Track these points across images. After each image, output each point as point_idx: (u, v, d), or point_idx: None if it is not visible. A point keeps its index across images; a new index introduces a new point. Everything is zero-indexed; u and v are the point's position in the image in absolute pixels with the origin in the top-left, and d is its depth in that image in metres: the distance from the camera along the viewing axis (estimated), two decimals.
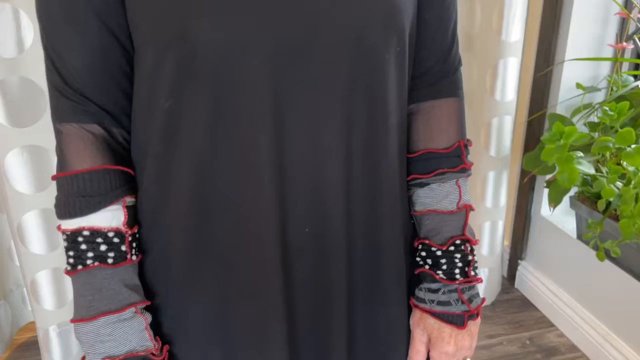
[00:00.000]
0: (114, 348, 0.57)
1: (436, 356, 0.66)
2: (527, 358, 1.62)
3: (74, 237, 0.57)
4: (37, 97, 1.32)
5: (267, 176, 0.55)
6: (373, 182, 0.61)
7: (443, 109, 0.66)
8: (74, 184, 0.56)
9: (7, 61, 1.27)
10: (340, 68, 0.54)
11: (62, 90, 0.56)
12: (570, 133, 1.25)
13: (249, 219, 0.57)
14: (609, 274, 1.53)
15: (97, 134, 0.58)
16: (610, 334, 1.55)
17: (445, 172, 0.65)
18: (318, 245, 0.60)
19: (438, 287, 0.65)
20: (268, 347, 0.61)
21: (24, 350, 1.71)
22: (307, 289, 0.61)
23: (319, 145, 0.56)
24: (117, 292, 0.57)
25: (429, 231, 0.66)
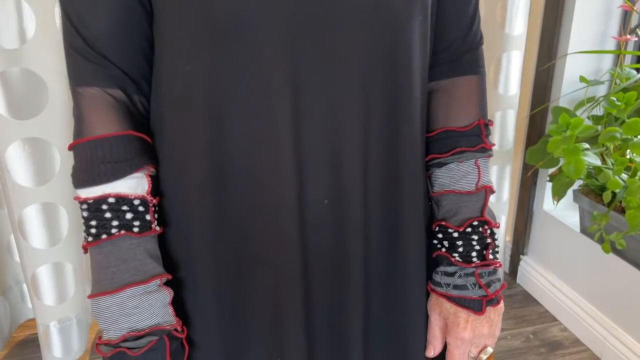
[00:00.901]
0: (139, 322, 0.55)
1: (452, 342, 0.64)
2: (532, 352, 1.62)
3: (98, 205, 0.55)
4: (39, 89, 1.30)
5: (284, 145, 0.54)
6: (394, 156, 0.60)
7: (464, 87, 0.64)
8: (98, 150, 0.54)
9: (9, 52, 1.25)
10: (358, 35, 0.53)
11: (83, 53, 0.55)
12: (577, 124, 1.24)
13: (266, 189, 0.56)
14: (613, 267, 1.53)
15: (119, 100, 0.56)
16: (616, 327, 1.55)
17: (464, 151, 0.64)
18: (336, 219, 0.58)
19: (454, 271, 0.63)
20: (284, 323, 0.59)
21: (23, 348, 1.68)
22: (324, 264, 0.60)
23: (337, 115, 0.55)
24: (143, 263, 0.56)
25: (446, 212, 0.65)
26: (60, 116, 1.34)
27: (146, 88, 0.59)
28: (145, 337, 0.55)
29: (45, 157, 1.35)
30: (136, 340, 0.55)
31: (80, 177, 0.55)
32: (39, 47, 1.27)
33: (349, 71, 0.54)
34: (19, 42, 1.25)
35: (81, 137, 0.56)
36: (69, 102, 1.35)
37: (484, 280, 0.63)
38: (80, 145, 0.55)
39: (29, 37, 1.26)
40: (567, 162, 1.27)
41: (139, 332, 0.55)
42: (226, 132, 0.55)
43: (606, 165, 1.35)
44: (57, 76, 1.31)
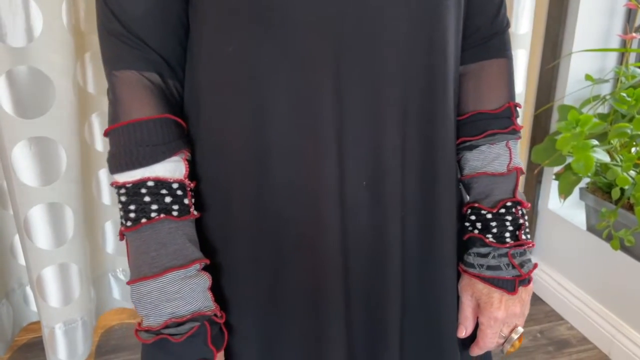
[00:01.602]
0: (180, 307, 0.54)
1: (485, 322, 0.65)
2: (539, 351, 1.61)
3: (137, 189, 0.54)
4: (46, 88, 1.29)
5: (327, 126, 0.54)
6: (430, 139, 0.60)
7: (493, 69, 0.65)
8: (136, 133, 0.54)
9: (16, 50, 1.24)
10: (400, 17, 0.53)
11: (120, 37, 0.54)
12: (586, 121, 1.25)
13: (308, 171, 0.55)
14: (621, 264, 1.53)
15: (155, 83, 0.56)
16: (624, 325, 1.55)
17: (495, 133, 0.65)
18: (374, 201, 0.58)
19: (488, 252, 0.64)
20: (322, 307, 0.59)
21: (26, 352, 1.66)
22: (363, 247, 0.59)
23: (377, 97, 0.55)
24: (182, 247, 0.55)
25: (478, 194, 0.66)
26: (67, 115, 1.33)
27: (180, 73, 0.59)
28: (187, 323, 0.54)
29: (52, 156, 1.33)
30: (178, 327, 0.54)
31: (118, 161, 0.55)
32: (46, 45, 1.26)
33: (390, 53, 0.54)
34: (26, 40, 1.24)
35: (118, 122, 0.55)
36: (75, 101, 1.34)
37: (517, 261, 0.64)
38: (117, 130, 0.55)
39: (36, 35, 1.25)
40: (576, 158, 1.27)
41: (180, 318, 0.54)
42: (268, 114, 0.54)
43: (614, 162, 1.35)
44: (64, 75, 1.30)
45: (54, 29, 1.26)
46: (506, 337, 0.67)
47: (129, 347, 1.67)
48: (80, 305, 1.49)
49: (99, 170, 1.59)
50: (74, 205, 1.40)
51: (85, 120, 1.52)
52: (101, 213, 1.64)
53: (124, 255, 1.70)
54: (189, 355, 0.54)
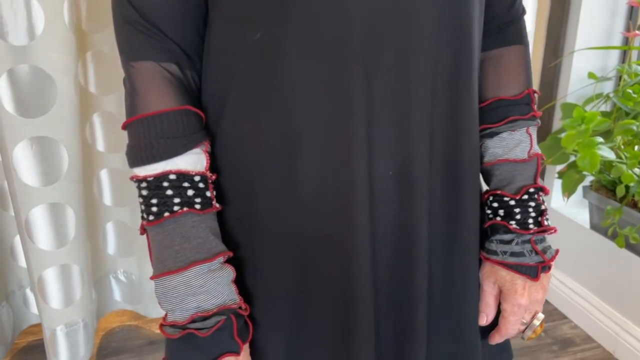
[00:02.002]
0: (206, 301, 0.53)
1: (509, 308, 0.65)
2: (543, 350, 1.61)
3: (158, 182, 0.53)
4: (48, 87, 1.28)
5: (357, 112, 0.53)
6: (455, 126, 0.59)
7: (511, 56, 0.65)
8: (156, 125, 0.53)
9: (18, 49, 1.23)
10: (431, 1, 0.53)
11: (138, 26, 0.53)
12: (591, 118, 1.25)
13: (337, 162, 0.54)
14: (625, 262, 1.53)
15: (174, 74, 0.55)
16: (628, 323, 1.54)
17: (516, 120, 0.65)
18: (401, 191, 0.57)
19: (511, 238, 0.64)
20: (350, 299, 0.58)
21: (26, 355, 1.65)
22: (390, 239, 0.59)
23: (407, 86, 0.54)
24: (206, 240, 0.54)
25: (500, 181, 0.65)
26: (68, 114, 1.32)
27: (198, 64, 0.58)
28: (212, 317, 0.54)
29: (53, 156, 1.32)
30: (204, 321, 0.53)
31: (138, 155, 0.54)
32: (47, 44, 1.25)
33: (420, 36, 0.53)
34: (27, 39, 1.23)
35: (136, 114, 0.54)
36: (77, 100, 1.33)
37: (539, 247, 0.64)
38: (136, 122, 0.54)
39: (37, 34, 1.24)
40: (582, 156, 1.27)
41: (206, 312, 0.53)
42: (296, 102, 0.53)
43: (619, 160, 1.35)
44: (66, 74, 1.29)
45: (56, 28, 1.25)
46: (527, 323, 0.66)
47: (130, 349, 1.65)
48: (81, 307, 1.47)
49: (100, 170, 1.58)
50: (75, 205, 1.39)
51: (86, 120, 1.50)
52: (102, 214, 1.62)
53: (125, 257, 1.69)
54: (216, 350, 0.54)
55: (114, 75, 1.47)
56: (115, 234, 1.66)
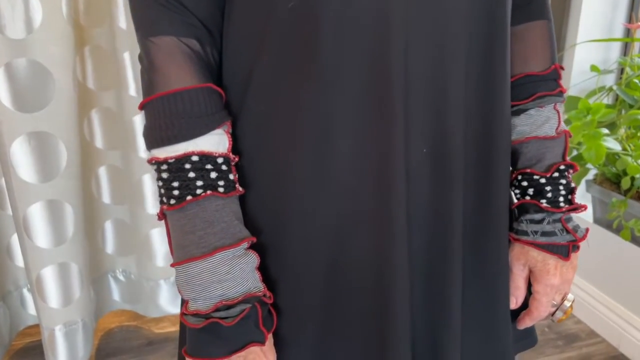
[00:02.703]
0: (230, 289, 0.51)
1: (541, 290, 0.63)
2: (548, 345, 1.60)
3: (180, 164, 0.50)
4: (46, 81, 1.25)
5: (395, 84, 0.51)
6: (489, 101, 0.58)
7: (537, 31, 0.64)
8: (177, 104, 0.50)
9: (15, 42, 1.20)
10: None
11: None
12: (597, 109, 1.24)
13: (374, 139, 0.52)
14: (629, 256, 1.52)
15: (195, 50, 0.52)
16: (633, 317, 1.53)
17: (544, 96, 0.63)
18: (436, 168, 0.56)
19: (542, 217, 0.62)
20: (386, 282, 0.55)
21: (23, 356, 1.62)
22: (425, 220, 0.57)
23: (443, 59, 0.53)
24: (230, 225, 0.52)
25: (529, 159, 0.64)
26: (67, 109, 1.29)
27: (218, 41, 0.55)
28: (237, 305, 0.51)
29: (52, 152, 1.30)
30: (229, 310, 0.51)
31: (158, 135, 0.51)
32: (45, 37, 1.23)
33: (457, 11, 0.52)
34: (25, 32, 1.21)
35: (156, 92, 0.51)
36: (75, 95, 1.31)
37: (570, 226, 0.62)
38: (155, 101, 0.51)
39: (35, 27, 1.21)
40: (587, 147, 1.26)
41: (231, 300, 0.51)
42: (332, 75, 0.50)
43: (624, 152, 1.34)
44: (64, 68, 1.27)
45: (54, 21, 1.23)
46: (557, 305, 0.65)
47: (129, 350, 1.63)
48: (80, 307, 1.44)
49: (98, 168, 1.55)
50: (74, 202, 1.37)
51: (84, 117, 1.48)
52: (101, 212, 1.60)
53: (124, 256, 1.66)
54: (241, 339, 0.51)
55: (113, 70, 1.45)
56: (114, 233, 1.64)
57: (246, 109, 0.54)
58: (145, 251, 1.59)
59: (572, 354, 1.56)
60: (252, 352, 0.52)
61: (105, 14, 1.40)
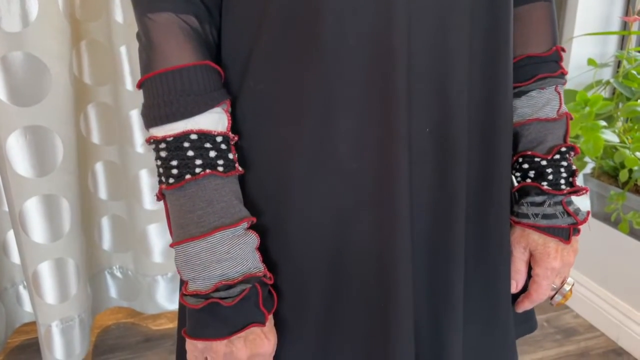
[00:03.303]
0: (230, 269, 0.50)
1: (541, 273, 0.63)
2: (547, 339, 1.60)
3: (179, 142, 0.50)
4: (42, 74, 1.24)
5: (398, 62, 0.50)
6: (493, 81, 0.57)
7: (538, 12, 0.64)
8: (176, 81, 0.50)
9: (11, 35, 1.20)
10: None
11: None
12: (595, 101, 1.24)
13: (378, 118, 0.51)
14: (627, 249, 1.52)
15: (193, 27, 0.52)
16: (631, 310, 1.54)
17: (546, 78, 0.63)
18: (439, 150, 0.55)
19: (543, 200, 0.62)
20: (390, 266, 0.54)
21: (19, 354, 1.60)
22: (427, 203, 0.56)
23: (446, 38, 0.52)
24: (229, 205, 0.51)
25: (530, 142, 0.63)
26: (63, 103, 1.28)
27: (217, 19, 0.54)
28: (237, 285, 0.51)
29: (48, 146, 1.29)
30: (229, 290, 0.51)
31: (156, 113, 0.50)
32: (41, 30, 1.22)
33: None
34: (21, 25, 1.20)
35: (154, 69, 0.50)
36: (72, 89, 1.30)
37: (571, 208, 0.62)
38: (154, 78, 0.50)
39: (31, 20, 1.21)
40: (585, 139, 1.26)
41: (231, 280, 0.50)
42: (335, 52, 0.50)
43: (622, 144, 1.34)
44: (60, 61, 1.26)
45: (50, 14, 1.22)
46: (557, 288, 0.65)
47: (127, 346, 1.62)
48: (77, 303, 1.43)
49: (95, 163, 1.54)
50: (70, 197, 1.36)
51: (80, 112, 1.47)
52: (97, 208, 1.59)
53: (121, 252, 1.65)
54: (241, 320, 0.51)
55: (109, 65, 1.44)
56: (110, 229, 1.63)
57: (246, 89, 0.54)
58: (142, 247, 1.59)
59: (570, 348, 1.56)
60: (252, 333, 0.52)
61: (101, 7, 1.40)
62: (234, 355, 0.52)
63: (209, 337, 0.51)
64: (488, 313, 0.64)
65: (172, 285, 1.65)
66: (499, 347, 0.65)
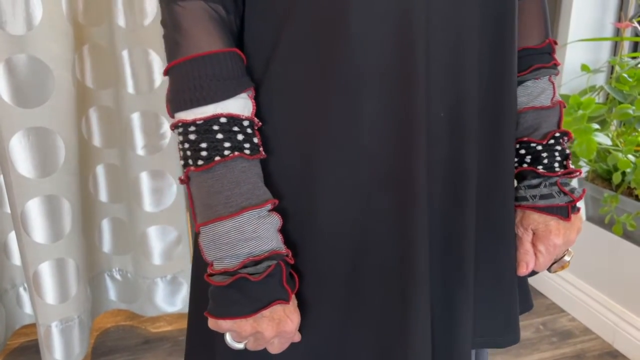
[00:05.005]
0: (257, 247, 0.53)
1: (544, 249, 0.66)
2: (543, 342, 1.61)
3: (208, 126, 0.52)
4: (45, 77, 1.27)
5: (418, 47, 0.53)
6: (500, 67, 0.61)
7: (532, 6, 0.68)
8: (206, 67, 0.52)
9: (15, 38, 1.22)
10: None
11: None
12: (588, 104, 1.26)
13: (399, 102, 0.54)
14: (622, 252, 1.54)
15: (221, 16, 0.54)
16: (627, 312, 1.55)
17: (540, 68, 0.67)
18: (453, 133, 0.58)
19: (539, 182, 0.66)
20: (407, 241, 0.57)
21: (18, 356, 1.61)
22: (442, 183, 0.59)
23: (460, 28, 0.56)
24: (255, 187, 0.53)
25: (526, 129, 0.67)
26: (66, 105, 1.31)
27: (241, 7, 0.57)
28: (263, 261, 0.53)
29: (50, 147, 1.31)
30: (256, 266, 0.52)
31: (187, 97, 0.52)
32: (45, 34, 1.25)
33: None
34: (25, 28, 1.23)
35: (183, 55, 0.53)
36: (74, 92, 1.33)
37: (567, 188, 0.65)
38: (184, 64, 0.53)
39: (35, 23, 1.23)
40: (579, 142, 1.28)
41: (257, 257, 0.53)
42: (360, 36, 0.53)
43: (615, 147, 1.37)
44: (63, 64, 1.29)
45: (54, 18, 1.25)
46: (557, 259, 0.68)
47: (125, 348, 1.63)
48: (77, 303, 1.45)
49: (96, 166, 1.56)
50: (71, 198, 1.38)
51: (82, 115, 1.49)
52: (98, 211, 1.61)
53: (120, 254, 1.67)
54: (267, 296, 0.53)
55: (111, 69, 1.47)
56: (111, 231, 1.65)
57: (271, 73, 0.56)
58: (142, 249, 1.60)
59: (566, 350, 1.57)
60: (276, 311, 0.54)
61: (104, 12, 1.42)
62: (261, 335, 0.54)
63: (235, 315, 0.52)
64: (493, 293, 0.66)
65: (171, 287, 1.66)
66: (504, 324, 0.68)
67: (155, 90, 1.45)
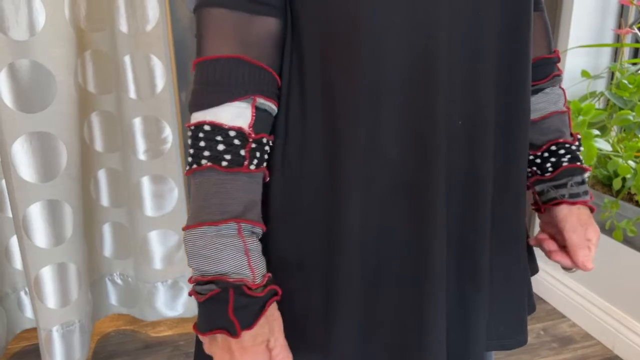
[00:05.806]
0: (203, 266, 0.51)
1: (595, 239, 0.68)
2: (544, 347, 1.61)
3: (196, 132, 0.53)
4: (48, 82, 1.28)
5: (440, 54, 0.54)
6: (515, 76, 0.62)
7: (537, 21, 0.71)
8: (203, 72, 0.53)
9: (18, 44, 1.23)
10: None
11: None
12: (588, 110, 1.27)
13: (420, 107, 0.55)
14: (622, 258, 1.54)
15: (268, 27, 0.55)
16: (627, 318, 1.55)
17: (556, 76, 0.71)
18: (469, 141, 0.59)
19: (583, 179, 0.69)
20: (424, 245, 0.58)
21: (19, 359, 1.61)
22: (459, 189, 0.60)
23: (478, 27, 0.57)
24: (223, 202, 0.52)
25: (555, 131, 0.70)
26: (68, 110, 1.31)
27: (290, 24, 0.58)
28: (207, 284, 0.52)
29: (52, 152, 1.31)
30: (202, 286, 0.52)
31: (191, 101, 0.54)
32: (48, 39, 1.26)
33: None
34: (28, 34, 1.23)
35: (197, 58, 0.54)
36: (77, 97, 1.33)
37: None
38: (197, 65, 0.54)
39: (38, 29, 1.24)
40: None
41: (204, 277, 0.52)
42: (382, 44, 0.53)
43: (615, 153, 1.37)
44: (66, 70, 1.29)
45: (57, 23, 1.26)
46: None
47: (126, 353, 1.63)
48: (78, 307, 1.45)
49: (98, 170, 1.57)
50: (73, 203, 1.38)
51: (84, 120, 1.50)
52: (99, 215, 1.61)
53: (121, 259, 1.67)
54: (210, 321, 0.51)
55: (113, 74, 1.48)
56: (112, 236, 1.65)
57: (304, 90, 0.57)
58: (143, 254, 1.60)
59: (567, 356, 1.57)
60: (225, 341, 0.51)
61: (106, 18, 1.43)
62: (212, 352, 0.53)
63: (197, 328, 0.53)
64: (505, 295, 0.67)
65: (171, 292, 1.66)
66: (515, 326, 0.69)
67: (156, 95, 1.46)
